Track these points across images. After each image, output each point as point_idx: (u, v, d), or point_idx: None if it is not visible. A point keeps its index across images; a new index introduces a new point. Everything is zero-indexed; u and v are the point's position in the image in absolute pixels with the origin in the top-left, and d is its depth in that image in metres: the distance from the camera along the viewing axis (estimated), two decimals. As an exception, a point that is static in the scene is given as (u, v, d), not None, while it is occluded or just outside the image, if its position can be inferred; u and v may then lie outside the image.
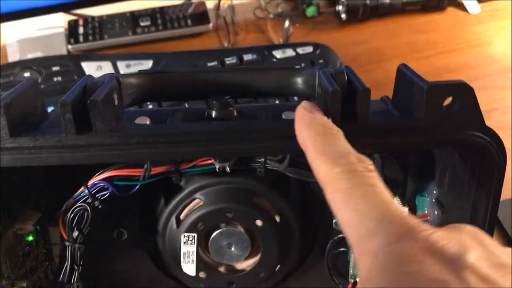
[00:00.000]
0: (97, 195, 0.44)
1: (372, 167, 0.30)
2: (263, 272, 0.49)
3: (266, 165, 0.44)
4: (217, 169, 0.44)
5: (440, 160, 0.44)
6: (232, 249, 0.48)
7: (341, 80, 0.38)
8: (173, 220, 0.48)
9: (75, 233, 0.44)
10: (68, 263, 0.45)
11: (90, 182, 0.44)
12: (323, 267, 0.54)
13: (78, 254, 0.44)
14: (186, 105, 0.61)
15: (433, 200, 0.45)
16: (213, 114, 0.40)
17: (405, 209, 0.46)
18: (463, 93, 0.36)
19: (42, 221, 0.47)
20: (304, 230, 0.51)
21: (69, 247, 0.44)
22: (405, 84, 0.39)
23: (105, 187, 0.43)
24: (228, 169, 0.44)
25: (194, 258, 0.48)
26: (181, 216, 0.48)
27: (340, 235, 0.52)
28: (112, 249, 0.52)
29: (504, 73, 0.86)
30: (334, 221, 0.52)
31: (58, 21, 0.94)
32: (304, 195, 0.51)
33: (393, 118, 0.38)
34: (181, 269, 0.49)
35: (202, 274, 0.49)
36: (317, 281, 0.55)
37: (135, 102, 0.43)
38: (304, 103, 0.35)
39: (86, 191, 0.43)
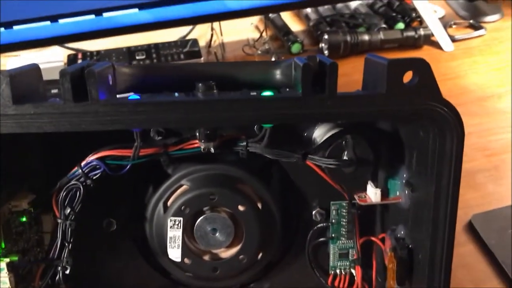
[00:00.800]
0: (89, 174, 0.47)
1: None
2: (245, 258, 0.52)
3: (248, 148, 0.48)
4: (202, 150, 0.47)
5: (408, 143, 0.48)
6: (217, 234, 0.51)
7: (313, 60, 0.42)
8: (160, 205, 0.51)
9: (67, 210, 0.46)
10: (59, 240, 0.47)
11: (83, 162, 0.47)
12: (305, 260, 0.56)
13: (69, 231, 0.47)
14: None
15: (403, 182, 0.48)
16: (198, 95, 0.45)
17: (378, 191, 0.49)
18: (421, 68, 0.40)
19: (36, 204, 0.49)
20: (285, 219, 0.53)
21: (61, 224, 0.47)
22: (371, 68, 0.44)
23: (98, 166, 0.47)
24: (212, 149, 0.47)
25: (180, 243, 0.51)
26: (169, 202, 0.51)
27: (320, 225, 0.55)
28: (100, 240, 0.54)
29: (477, 102, 0.92)
30: (313, 212, 0.55)
31: (58, 55, 1.00)
32: (285, 187, 0.54)
33: (358, 92, 0.43)
34: (167, 255, 0.51)
35: (187, 260, 0.51)
36: (298, 274, 0.57)
37: (127, 90, 0.47)
38: None
39: (80, 170, 0.47)
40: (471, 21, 1.06)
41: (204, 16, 0.86)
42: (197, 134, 0.47)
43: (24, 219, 0.49)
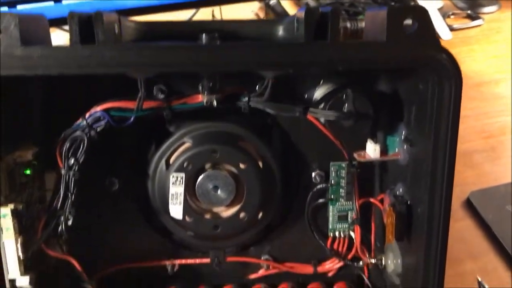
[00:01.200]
0: (94, 125, 0.47)
1: None
2: (246, 216, 0.52)
3: (249, 103, 0.49)
4: (205, 103, 0.48)
5: (407, 99, 0.49)
6: (218, 192, 0.51)
7: (315, 11, 0.43)
8: (163, 162, 0.52)
9: (71, 161, 0.47)
10: (62, 191, 0.47)
11: (87, 114, 0.48)
12: (304, 223, 0.57)
13: (72, 181, 0.47)
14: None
15: (402, 139, 0.49)
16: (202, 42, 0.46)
17: (377, 147, 0.50)
18: (420, 14, 0.41)
19: (40, 157, 0.50)
20: (285, 180, 0.54)
21: (64, 175, 0.47)
22: (371, 19, 0.45)
23: (102, 117, 0.47)
24: (215, 103, 0.48)
25: (182, 200, 0.51)
26: (171, 159, 0.52)
27: (319, 186, 0.55)
28: (102, 200, 0.55)
29: (475, 87, 0.93)
30: (313, 174, 0.55)
31: (59, 40, 1.01)
32: (285, 148, 0.55)
33: (361, 40, 0.44)
34: (169, 213, 0.52)
35: (188, 218, 0.52)
36: (298, 237, 0.57)
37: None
38: None
39: (84, 122, 0.47)
40: (469, 11, 1.07)
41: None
42: (200, 87, 0.48)
43: (28, 171, 0.49)
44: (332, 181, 0.55)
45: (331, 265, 0.57)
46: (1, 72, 0.40)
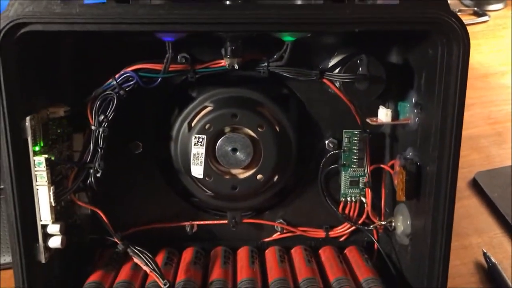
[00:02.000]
0: (123, 85, 0.50)
1: None
2: (262, 177, 0.55)
3: (269, 68, 0.52)
4: (227, 66, 0.51)
5: (417, 66, 0.52)
6: (237, 154, 0.54)
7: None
8: (185, 125, 0.55)
9: (101, 117, 0.50)
10: (92, 145, 0.50)
11: (117, 74, 0.51)
12: (317, 189, 0.59)
13: (102, 137, 0.50)
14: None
15: (413, 104, 0.52)
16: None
17: (388, 112, 0.53)
18: (432, -21, 0.45)
19: (70, 117, 0.53)
20: (300, 146, 0.57)
21: (94, 130, 0.50)
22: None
23: (131, 78, 0.50)
24: (236, 66, 0.51)
25: (203, 160, 0.54)
26: (193, 123, 0.55)
27: (332, 152, 0.58)
28: (125, 163, 0.58)
29: (481, 78, 0.96)
30: (326, 141, 0.58)
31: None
32: (301, 117, 0.58)
33: (375, 3, 0.47)
34: (190, 173, 0.55)
35: (208, 179, 0.55)
36: (311, 202, 0.60)
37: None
38: None
39: (114, 82, 0.50)
40: (475, 8, 1.11)
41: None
42: (223, 51, 0.51)
43: (59, 130, 0.52)
44: (345, 147, 0.58)
45: (343, 230, 0.60)
46: (42, 28, 0.44)
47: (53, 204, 0.48)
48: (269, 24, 0.45)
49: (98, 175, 0.51)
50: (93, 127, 0.50)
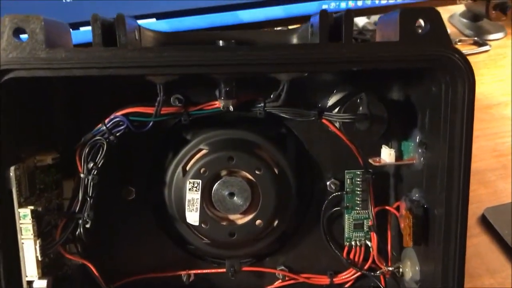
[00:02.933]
0: (113, 131, 0.48)
1: None
2: (262, 223, 0.52)
3: (265, 108, 0.50)
4: (222, 108, 0.49)
5: (420, 104, 0.50)
6: (234, 198, 0.52)
7: (329, 15, 0.45)
8: (179, 169, 0.52)
9: (90, 165, 0.48)
10: (80, 194, 0.48)
11: (107, 119, 0.49)
12: (319, 233, 0.56)
13: (91, 185, 0.48)
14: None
15: (417, 143, 0.50)
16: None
17: (392, 151, 0.51)
18: (433, 16, 0.43)
19: (59, 164, 0.51)
20: (300, 188, 0.54)
21: (83, 178, 0.48)
22: (383, 24, 0.46)
23: (121, 122, 0.48)
24: (231, 108, 0.49)
25: (198, 206, 0.51)
26: (187, 166, 0.52)
27: (334, 194, 0.55)
28: (118, 209, 0.55)
29: (484, 109, 0.94)
30: (328, 182, 0.56)
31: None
32: (300, 157, 0.56)
33: (374, 42, 0.45)
34: (185, 219, 0.52)
35: (204, 225, 0.52)
36: (313, 247, 0.57)
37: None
38: None
39: (104, 127, 0.48)
40: (475, 38, 1.10)
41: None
42: (217, 93, 0.49)
43: (47, 178, 0.50)
44: (347, 189, 0.55)
45: (348, 276, 0.57)
46: (26, 74, 0.42)
47: (39, 258, 0.45)
48: (264, 65, 0.43)
49: (88, 226, 0.48)
50: (82, 175, 0.48)
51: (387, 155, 0.51)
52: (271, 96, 0.49)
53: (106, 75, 0.43)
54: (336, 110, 0.49)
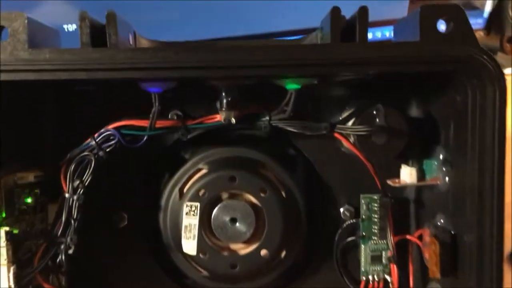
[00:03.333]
0: (103, 146, 0.44)
1: None
2: (267, 253, 0.46)
3: (271, 122, 0.45)
4: (223, 120, 0.44)
5: (443, 117, 0.45)
6: (236, 225, 0.46)
7: (342, 18, 0.41)
8: (176, 192, 0.47)
9: (76, 183, 0.43)
10: (64, 216, 0.43)
11: (97, 133, 0.44)
12: (333, 265, 0.50)
13: (76, 206, 0.43)
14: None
15: (441, 161, 0.44)
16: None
17: (413, 171, 0.45)
18: (456, 13, 0.39)
19: (43, 187, 0.46)
20: (310, 214, 0.49)
21: (68, 199, 0.43)
22: (401, 24, 0.42)
23: (112, 136, 0.44)
24: (233, 120, 0.44)
25: (196, 234, 0.46)
26: (185, 188, 0.47)
27: (349, 222, 0.50)
28: (108, 237, 0.50)
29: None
30: (341, 209, 0.50)
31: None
32: (310, 180, 0.50)
33: (392, 42, 0.41)
34: (181, 249, 0.46)
35: (202, 256, 0.46)
36: (326, 282, 0.51)
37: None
38: None
39: (93, 141, 0.44)
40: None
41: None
42: (218, 104, 0.45)
43: (29, 199, 0.45)
44: (363, 215, 0.49)
45: (365, 315, 0.50)
46: (6, 77, 0.38)
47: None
48: (269, 68, 0.38)
49: (70, 251, 0.42)
50: (66, 195, 0.43)
51: (408, 174, 0.45)
52: (277, 109, 0.45)
53: (94, 78, 0.38)
54: (350, 123, 0.44)
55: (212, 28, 0.70)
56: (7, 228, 0.40)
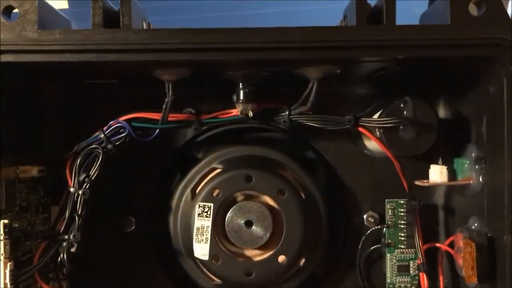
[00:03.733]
0: (112, 139, 0.41)
1: None
2: (286, 259, 0.43)
3: (290, 116, 0.42)
4: (240, 113, 0.42)
5: (475, 111, 0.42)
6: (252, 228, 0.43)
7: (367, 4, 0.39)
8: (188, 192, 0.44)
9: (82, 177, 0.40)
10: (68, 211, 0.40)
11: (106, 126, 0.42)
12: (356, 277, 0.47)
13: (81, 201, 0.40)
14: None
15: (473, 159, 0.41)
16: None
17: (443, 169, 0.42)
18: (489, -4, 0.36)
19: (48, 185, 0.43)
20: (331, 220, 0.45)
21: (73, 193, 0.40)
22: (430, 10, 0.40)
23: (122, 129, 0.41)
24: (251, 113, 0.42)
25: (208, 237, 0.43)
26: (198, 189, 0.44)
27: (373, 228, 0.46)
28: (115, 240, 0.46)
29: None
30: (365, 216, 0.47)
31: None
32: (331, 185, 0.47)
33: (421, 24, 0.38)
34: (193, 253, 0.43)
35: (215, 261, 0.43)
36: (349, 295, 0.47)
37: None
38: None
39: (102, 135, 0.41)
40: None
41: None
42: (234, 97, 0.42)
43: (32, 196, 0.42)
44: (389, 222, 0.46)
45: (391, 331, 0.46)
46: (13, 58, 0.36)
47: (8, 286, 0.36)
48: (292, 51, 0.36)
49: (73, 249, 0.39)
50: (71, 189, 0.40)
51: (438, 173, 0.42)
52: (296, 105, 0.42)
53: (105, 61, 0.36)
54: (376, 115, 0.41)
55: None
56: (6, 221, 0.37)
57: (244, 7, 0.74)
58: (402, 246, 0.46)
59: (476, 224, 0.41)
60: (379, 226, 0.46)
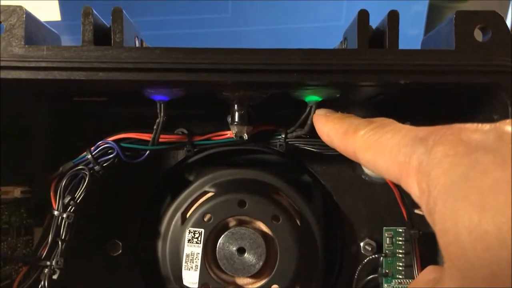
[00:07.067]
0: (100, 160, 0.39)
1: (387, 119, 0.30)
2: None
3: (287, 140, 0.41)
4: (234, 135, 0.40)
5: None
6: (245, 255, 0.41)
7: (369, 26, 0.37)
8: (178, 216, 0.42)
9: (66, 200, 0.38)
10: (51, 236, 0.38)
11: (93, 147, 0.40)
12: (352, 309, 0.45)
13: (65, 225, 0.38)
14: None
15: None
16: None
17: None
18: (494, 21, 0.35)
19: (33, 207, 0.41)
20: (327, 246, 0.44)
21: (56, 216, 0.38)
22: (433, 35, 0.39)
23: (110, 150, 0.39)
24: (246, 136, 0.40)
25: (198, 264, 0.41)
26: (188, 213, 0.42)
27: (371, 257, 0.44)
28: (99, 268, 0.44)
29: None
30: (362, 244, 0.45)
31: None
32: (328, 211, 0.46)
33: (424, 49, 0.37)
34: (181, 281, 0.41)
35: (206, 289, 0.41)
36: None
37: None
38: (318, 111, 0.37)
39: (89, 155, 0.39)
40: None
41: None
42: (229, 119, 0.41)
43: (13, 218, 0.40)
44: (386, 250, 0.44)
45: None
46: (-2, 75, 0.34)
47: (-18, 318, 0.34)
48: (289, 73, 0.35)
49: (55, 276, 0.37)
50: (55, 212, 0.38)
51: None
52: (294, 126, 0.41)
53: (94, 79, 0.35)
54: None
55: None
56: (-18, 244, 0.35)
57: (238, 23, 0.73)
58: (400, 276, 0.44)
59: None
60: (376, 255, 0.44)
